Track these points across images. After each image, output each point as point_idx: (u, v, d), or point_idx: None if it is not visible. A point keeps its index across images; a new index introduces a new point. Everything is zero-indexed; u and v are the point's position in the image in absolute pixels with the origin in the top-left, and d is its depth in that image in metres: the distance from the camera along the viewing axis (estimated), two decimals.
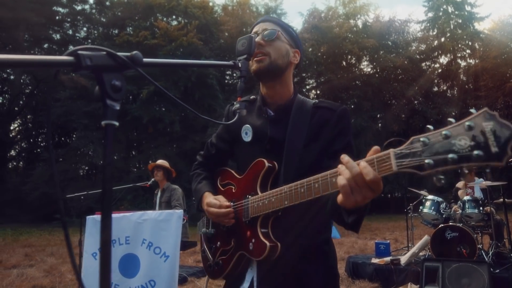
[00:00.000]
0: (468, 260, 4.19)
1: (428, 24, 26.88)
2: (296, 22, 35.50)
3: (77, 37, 23.36)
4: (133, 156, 22.10)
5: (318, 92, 30.57)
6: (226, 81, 24.97)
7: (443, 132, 0.72)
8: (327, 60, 27.79)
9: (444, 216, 5.03)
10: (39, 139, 24.51)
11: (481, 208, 4.85)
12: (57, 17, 22.29)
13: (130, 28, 21.36)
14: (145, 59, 0.71)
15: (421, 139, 0.74)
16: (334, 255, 1.29)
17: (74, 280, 5.44)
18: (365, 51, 27.14)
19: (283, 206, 1.07)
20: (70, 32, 23.39)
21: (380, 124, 27.64)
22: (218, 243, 1.33)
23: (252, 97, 1.40)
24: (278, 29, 1.26)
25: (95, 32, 23.76)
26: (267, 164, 1.18)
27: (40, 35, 21.25)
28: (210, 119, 1.04)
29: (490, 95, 21.06)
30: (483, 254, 4.48)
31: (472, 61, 25.01)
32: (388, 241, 5.68)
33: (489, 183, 4.95)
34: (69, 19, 22.88)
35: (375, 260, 5.11)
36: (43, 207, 18.13)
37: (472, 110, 0.70)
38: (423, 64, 27.72)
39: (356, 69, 29.11)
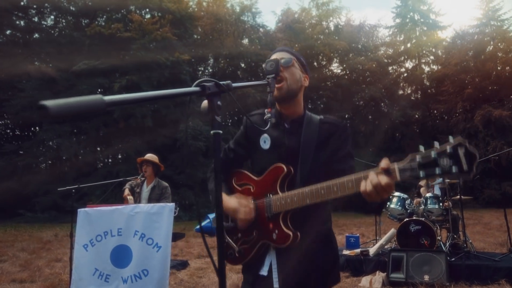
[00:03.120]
0: (429, 250, 4.67)
1: (396, 30, 28.07)
2: (270, 21, 35.87)
3: (44, 25, 22.42)
4: (102, 150, 21.59)
5: None
6: (199, 77, 24.90)
7: (432, 155, 1.06)
8: None
9: (408, 211, 5.53)
10: None
11: (440, 204, 5.38)
12: (21, 3, 21.27)
13: (102, 19, 20.81)
14: (233, 84, 0.97)
15: (417, 158, 1.10)
16: (335, 240, 1.59)
17: (54, 273, 5.46)
18: (336, 53, 27.93)
19: (305, 204, 1.34)
20: (36, 19, 22.40)
21: (348, 125, 28.60)
22: (239, 234, 1.56)
23: (266, 110, 1.64)
24: (293, 58, 1.53)
25: (63, 21, 22.88)
26: (286, 169, 1.44)
27: (3, 21, 20.22)
28: (258, 127, 1.28)
29: (450, 100, 22.37)
30: (441, 245, 4.99)
31: (435, 67, 26.42)
32: (358, 235, 6.12)
33: (448, 180, 5.48)
34: (35, 6, 21.88)
35: (346, 252, 5.52)
36: (4, 202, 17.41)
37: (450, 139, 1.04)
38: (390, 68, 28.87)
39: (327, 70, 29.87)
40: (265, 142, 1.55)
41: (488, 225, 10.64)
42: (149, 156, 4.49)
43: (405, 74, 28.38)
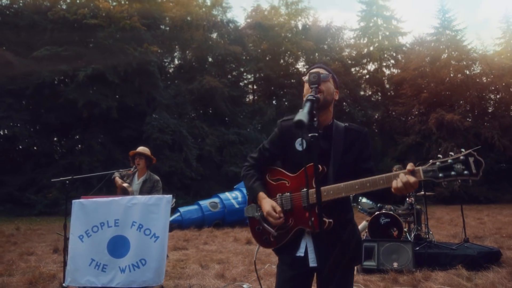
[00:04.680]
0: (397, 240, 5.17)
1: (360, 33, 29.23)
2: (239, 17, 35.84)
3: None
4: (64, 142, 20.68)
5: (255, 87, 31.41)
6: (166, 69, 24.54)
7: (449, 161, 1.41)
8: (266, 57, 28.72)
9: (378, 205, 6.02)
10: None
11: (406, 199, 5.92)
12: None
13: (65, 3, 19.82)
14: None
15: (437, 163, 1.44)
16: (357, 226, 1.88)
17: (30, 267, 5.37)
18: (302, 52, 28.57)
19: (340, 196, 1.62)
20: None
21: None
22: None
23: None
24: (330, 74, 1.80)
25: (21, 1, 21.50)
26: (320, 167, 1.69)
27: None
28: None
29: (408, 103, 23.76)
30: (407, 235, 5.52)
31: (395, 71, 27.86)
32: None
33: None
34: None
35: None
36: None
37: (462, 150, 1.39)
38: (353, 69, 30.04)
39: (294, 68, 30.52)
40: (300, 144, 1.79)
41: (440, 219, 11.61)
42: (142, 149, 4.53)
43: (367, 76, 29.67)
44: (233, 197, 12.47)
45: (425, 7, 60.42)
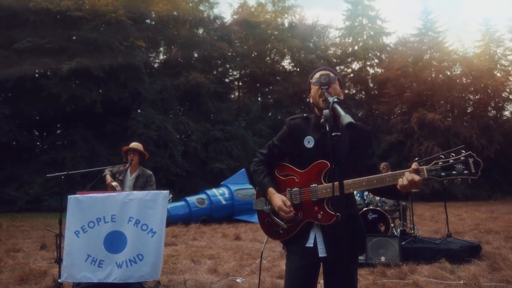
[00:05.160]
0: (384, 235, 5.35)
1: (345, 32, 29.58)
2: (226, 13, 35.77)
3: None
4: (46, 137, 20.22)
5: (241, 83, 31.40)
6: (152, 64, 24.24)
7: (450, 161, 1.53)
8: (252, 54, 28.72)
9: (366, 201, 6.20)
10: None
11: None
12: None
13: None
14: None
15: (439, 163, 1.56)
16: (362, 219, 1.99)
17: (19, 263, 5.30)
18: (288, 49, 28.71)
19: (348, 192, 1.73)
20: None
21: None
22: None
23: (305, 115, 1.98)
24: (336, 77, 1.90)
25: None
26: (329, 164, 1.79)
27: None
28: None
29: (391, 102, 24.26)
30: (394, 231, 5.71)
31: (379, 70, 28.34)
32: None
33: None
34: None
35: None
36: None
37: (463, 151, 1.52)
38: (338, 68, 30.37)
39: (279, 66, 30.66)
40: (309, 142, 1.88)
41: (422, 216, 11.96)
42: (135, 144, 4.53)
43: (352, 75, 30.07)
44: (220, 193, 12.52)
45: (409, 8, 61.62)
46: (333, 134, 1.39)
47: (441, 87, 23.16)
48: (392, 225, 5.82)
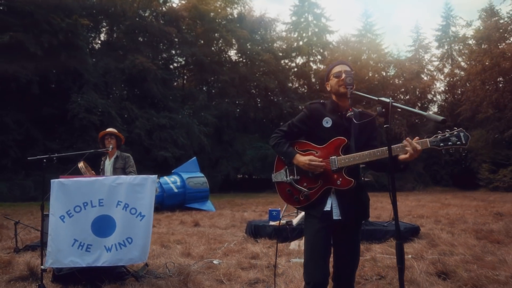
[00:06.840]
0: None
1: (291, 27, 30.48)
2: None
3: None
4: None
5: (186, 71, 30.84)
6: (96, 45, 22.83)
7: (447, 135, 1.92)
8: (199, 41, 28.31)
9: None
10: None
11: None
12: None
13: None
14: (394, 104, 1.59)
15: (439, 136, 1.93)
16: (365, 188, 2.35)
17: (12, 257, 4.94)
18: (236, 40, 28.79)
19: (365, 161, 2.07)
20: None
21: (238, 110, 29.88)
22: (305, 183, 2.20)
23: (322, 101, 2.32)
24: (352, 71, 2.22)
25: None
26: (346, 140, 2.14)
27: None
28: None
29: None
30: None
31: (321, 66, 29.78)
32: (279, 209, 7.12)
33: None
34: None
35: (272, 223, 6.45)
36: None
37: (455, 128, 1.90)
38: (283, 61, 31.26)
39: (226, 55, 30.64)
40: (327, 122, 2.22)
41: None
42: (111, 129, 4.54)
43: (295, 69, 31.17)
44: (172, 181, 12.47)
45: (351, 9, 65.11)
46: (385, 126, 1.72)
47: (377, 86, 25.14)
48: None
